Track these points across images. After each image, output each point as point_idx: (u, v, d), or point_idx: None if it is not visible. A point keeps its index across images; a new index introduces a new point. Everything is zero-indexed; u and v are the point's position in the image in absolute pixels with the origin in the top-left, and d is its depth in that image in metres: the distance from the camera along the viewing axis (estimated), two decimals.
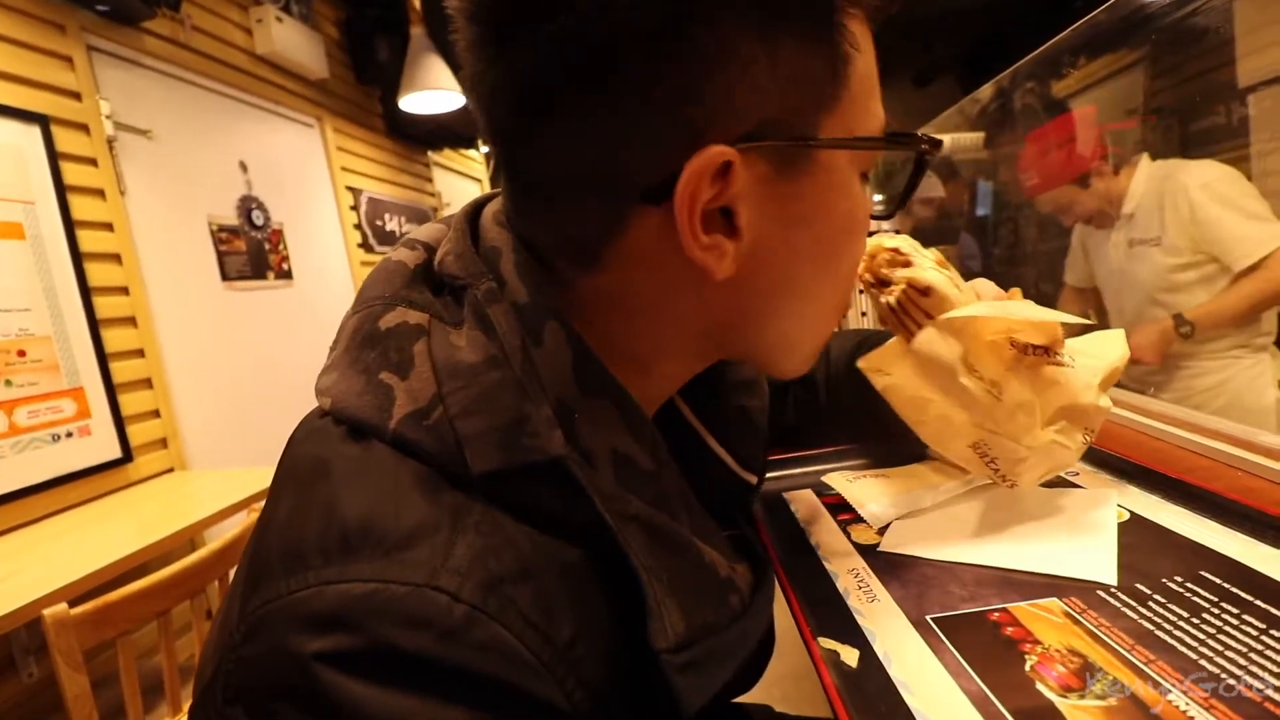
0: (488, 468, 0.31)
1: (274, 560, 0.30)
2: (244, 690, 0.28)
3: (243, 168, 2.43)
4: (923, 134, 0.38)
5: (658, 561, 0.32)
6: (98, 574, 1.17)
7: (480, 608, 0.28)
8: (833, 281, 0.39)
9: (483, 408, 0.31)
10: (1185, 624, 0.39)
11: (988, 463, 0.53)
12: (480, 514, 0.30)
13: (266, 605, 0.28)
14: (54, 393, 1.63)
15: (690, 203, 0.31)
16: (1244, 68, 1.44)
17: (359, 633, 0.26)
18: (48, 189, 1.66)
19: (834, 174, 0.34)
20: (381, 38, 3.06)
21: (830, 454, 0.77)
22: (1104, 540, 0.49)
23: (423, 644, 0.27)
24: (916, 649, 0.40)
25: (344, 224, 3.01)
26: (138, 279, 1.90)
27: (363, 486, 0.31)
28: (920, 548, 0.52)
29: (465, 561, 0.28)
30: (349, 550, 0.28)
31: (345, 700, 0.26)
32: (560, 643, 0.29)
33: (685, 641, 0.31)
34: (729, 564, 0.37)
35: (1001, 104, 1.74)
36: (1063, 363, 0.51)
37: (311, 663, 0.26)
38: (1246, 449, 0.63)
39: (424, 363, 0.33)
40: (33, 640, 1.50)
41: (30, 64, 1.67)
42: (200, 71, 2.24)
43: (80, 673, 0.89)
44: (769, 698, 0.75)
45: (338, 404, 0.34)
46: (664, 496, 0.35)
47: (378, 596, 0.27)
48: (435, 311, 0.35)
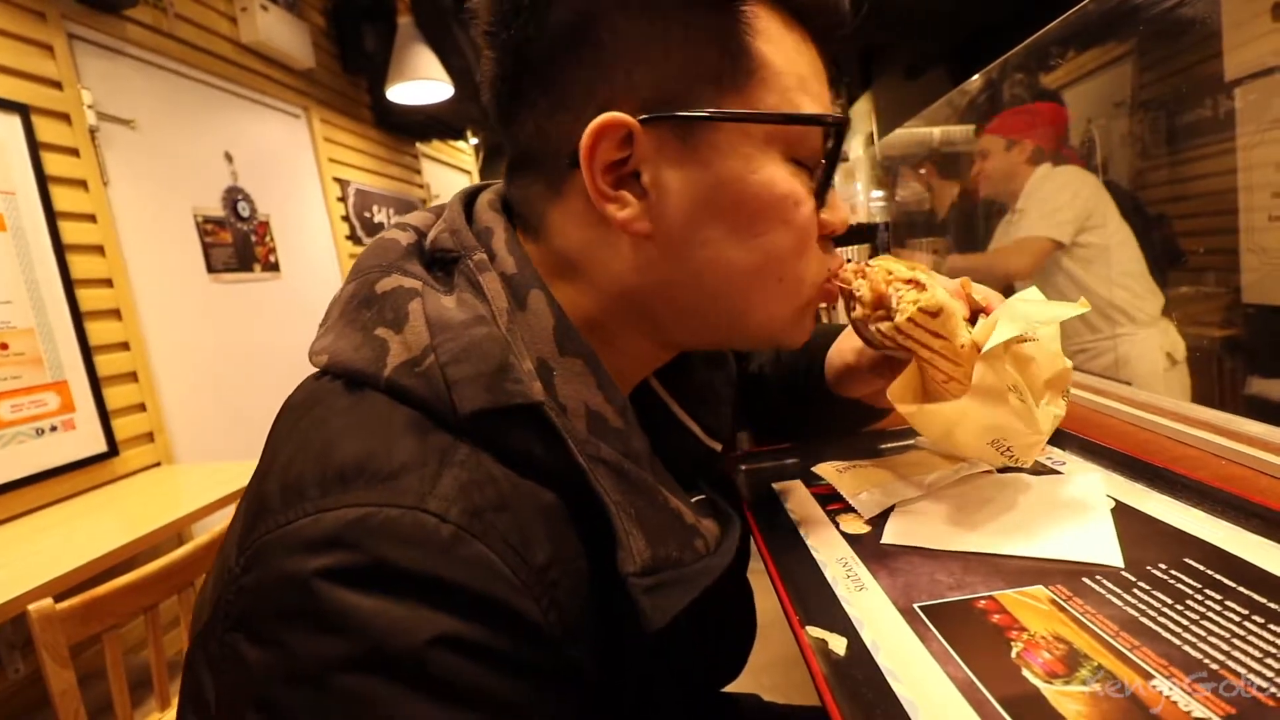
0: (473, 407, 0.34)
1: (273, 498, 0.32)
2: (245, 616, 0.30)
3: (228, 158, 2.40)
4: (828, 114, 0.40)
5: (625, 498, 0.36)
6: (84, 569, 1.16)
7: (465, 528, 0.31)
8: (762, 257, 0.40)
9: (470, 356, 0.35)
10: (1170, 610, 0.39)
11: (1003, 452, 0.53)
12: (465, 453, 0.33)
13: (265, 536, 0.31)
14: (37, 386, 1.61)
15: (590, 156, 0.37)
16: (1231, 61, 1.45)
17: (356, 550, 0.29)
18: (28, 180, 1.64)
19: (740, 150, 0.38)
20: (369, 27, 3.02)
21: (819, 445, 0.77)
22: (1102, 523, 0.49)
23: (414, 559, 0.29)
24: (904, 637, 0.40)
25: (331, 216, 2.99)
26: (122, 271, 1.88)
27: (358, 430, 0.34)
28: (918, 538, 0.52)
29: (451, 491, 0.32)
30: (344, 482, 0.31)
31: (346, 610, 0.28)
32: (536, 565, 0.32)
33: (650, 568, 0.35)
34: (695, 516, 0.40)
35: (990, 95, 1.75)
36: (1032, 337, 0.51)
37: (312, 579, 0.28)
38: (1231, 438, 0.64)
39: (418, 318, 0.36)
40: (18, 636, 1.49)
41: (9, 52, 1.64)
42: (184, 60, 2.21)
43: (67, 668, 0.89)
44: (758, 686, 0.76)
45: (335, 359, 0.37)
46: (634, 452, 0.38)
47: (372, 519, 0.30)
48: (428, 281, 0.39)
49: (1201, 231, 1.62)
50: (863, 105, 5.37)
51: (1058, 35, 1.33)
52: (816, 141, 0.41)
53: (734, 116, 0.38)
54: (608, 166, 0.38)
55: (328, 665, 0.28)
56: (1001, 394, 0.49)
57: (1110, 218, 1.58)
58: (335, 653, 0.28)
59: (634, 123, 0.37)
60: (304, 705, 0.28)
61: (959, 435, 0.53)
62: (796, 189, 0.40)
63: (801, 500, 0.65)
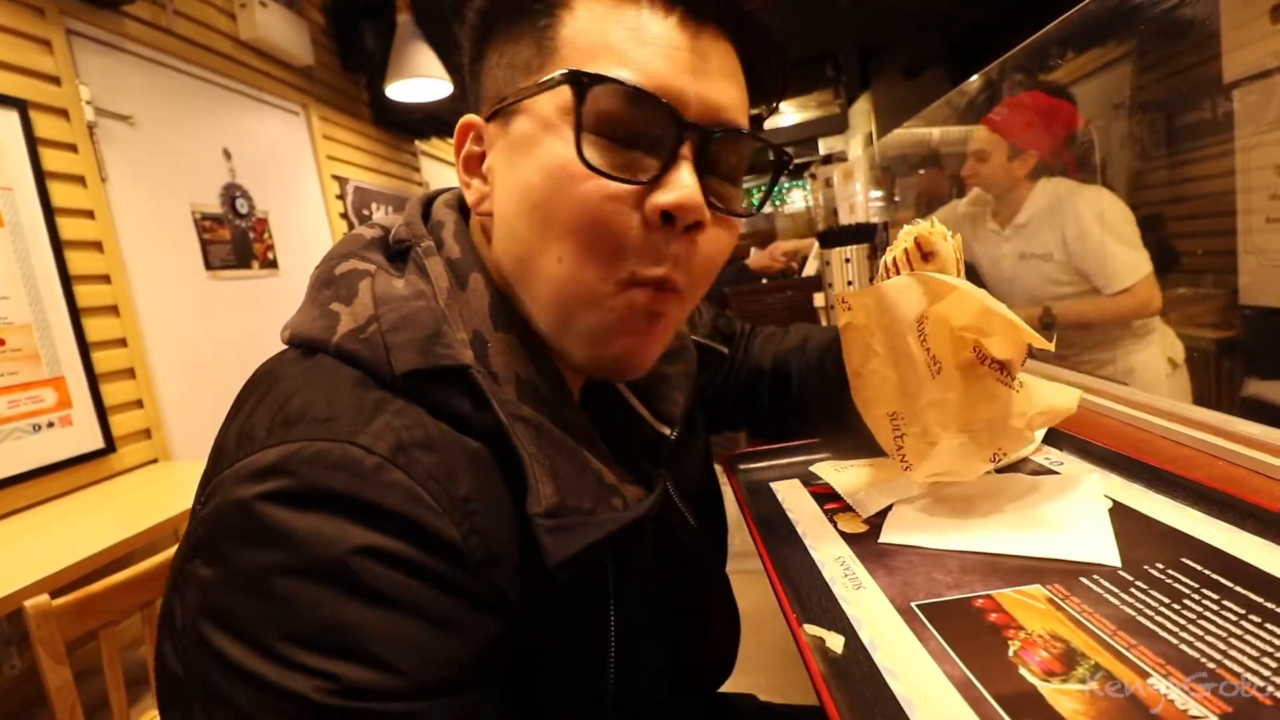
0: (408, 367, 0.38)
1: (229, 444, 0.37)
2: (201, 543, 0.34)
3: (226, 155, 2.39)
4: (555, 75, 0.38)
5: (540, 451, 0.39)
6: (80, 565, 1.16)
7: (389, 459, 0.34)
8: (543, 228, 0.40)
9: (408, 324, 0.39)
10: (1166, 610, 0.39)
11: (896, 436, 0.54)
12: (400, 406, 0.37)
13: (220, 475, 0.35)
14: (34, 382, 1.60)
15: (456, 151, 0.46)
16: (1230, 63, 1.45)
17: (291, 476, 0.33)
18: (26, 175, 1.63)
19: (531, 123, 0.40)
20: (368, 24, 3.01)
21: (817, 444, 0.78)
22: (1100, 523, 0.50)
23: (340, 481, 0.33)
24: (901, 635, 0.41)
25: (330, 213, 2.98)
26: (119, 267, 1.87)
27: (306, 388, 0.38)
28: (917, 537, 0.52)
29: (381, 429, 0.35)
30: (288, 426, 0.35)
31: (280, 525, 0.32)
32: (457, 496, 0.35)
33: (555, 511, 0.37)
34: (619, 480, 0.42)
35: (990, 96, 1.74)
36: (1010, 385, 0.51)
37: (253, 502, 0.32)
38: (1228, 439, 0.64)
39: (366, 294, 0.41)
40: (14, 632, 1.48)
41: (8, 47, 1.63)
42: (182, 57, 2.20)
43: (63, 664, 0.88)
44: (755, 685, 0.76)
45: (295, 331, 0.42)
46: (563, 421, 0.41)
47: (307, 449, 0.34)
48: (383, 265, 0.43)
49: (1199, 233, 1.62)
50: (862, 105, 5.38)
51: (1057, 36, 1.33)
52: (620, 111, 0.38)
53: (509, 99, 0.41)
54: (470, 158, 0.45)
55: (266, 572, 0.31)
56: (904, 322, 0.52)
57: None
58: (271, 562, 0.32)
59: (479, 120, 0.44)
60: (248, 610, 0.32)
61: (874, 398, 0.56)
62: (571, 164, 0.38)
63: (799, 499, 0.65)
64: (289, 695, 0.30)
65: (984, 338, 0.51)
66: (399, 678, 0.31)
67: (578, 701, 0.43)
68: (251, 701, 0.31)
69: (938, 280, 0.50)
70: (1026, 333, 0.49)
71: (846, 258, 1.85)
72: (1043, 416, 0.53)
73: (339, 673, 0.31)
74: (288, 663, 0.31)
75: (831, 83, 5.82)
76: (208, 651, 0.32)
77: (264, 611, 0.31)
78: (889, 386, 0.54)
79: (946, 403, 0.52)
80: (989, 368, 0.51)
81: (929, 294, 0.51)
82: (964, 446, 0.52)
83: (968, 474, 0.54)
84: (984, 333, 0.51)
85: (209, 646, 0.32)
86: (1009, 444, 0.53)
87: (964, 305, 0.50)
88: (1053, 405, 0.54)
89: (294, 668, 0.31)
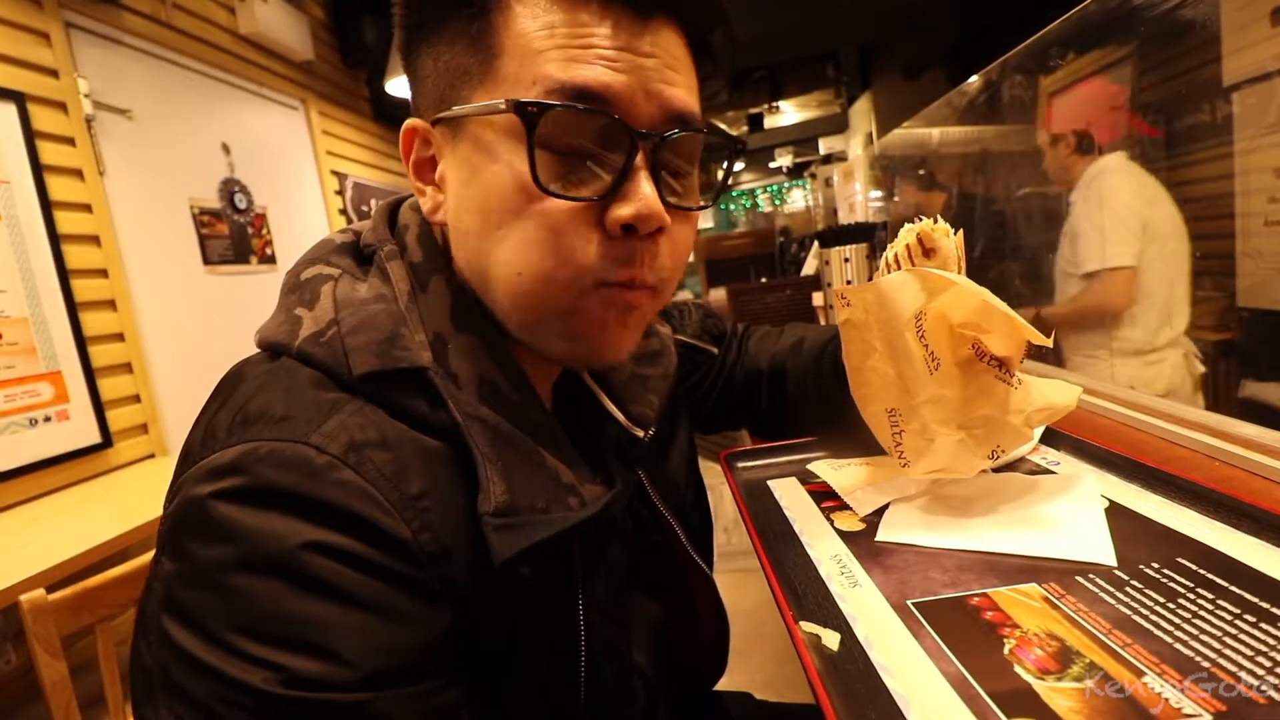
0: (365, 370, 0.38)
1: (195, 445, 0.38)
2: (165, 540, 0.36)
3: (225, 150, 2.39)
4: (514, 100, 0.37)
5: (494, 451, 0.39)
6: (77, 559, 1.16)
7: (340, 458, 0.35)
8: (500, 243, 0.40)
9: (366, 327, 0.40)
10: (1162, 609, 0.39)
11: (894, 432, 0.54)
12: (356, 406, 0.38)
13: (185, 475, 0.36)
14: (31, 376, 1.60)
15: (404, 156, 0.45)
16: (1229, 65, 1.45)
17: (245, 475, 0.34)
18: (24, 168, 1.63)
19: (482, 139, 0.40)
20: (368, 19, 3.01)
21: (814, 443, 0.78)
22: (1096, 522, 0.50)
23: (291, 480, 0.34)
24: (897, 633, 0.41)
25: (329, 209, 2.98)
26: (117, 261, 1.87)
27: (267, 387, 0.39)
28: (913, 535, 0.52)
29: (333, 429, 0.36)
30: (247, 425, 0.36)
31: (232, 522, 0.33)
32: (409, 493, 0.36)
33: (504, 510, 0.37)
34: (579, 480, 0.42)
35: (990, 96, 1.74)
36: (1009, 381, 0.51)
37: (208, 500, 0.34)
38: (1224, 439, 0.64)
39: (328, 298, 0.42)
40: (10, 626, 1.48)
41: (6, 40, 1.63)
42: (182, 51, 2.20)
43: (58, 659, 0.88)
44: (751, 682, 0.76)
45: (263, 335, 0.43)
46: (526, 421, 0.41)
47: (261, 449, 0.35)
48: (349, 270, 0.44)
49: (1198, 235, 1.62)
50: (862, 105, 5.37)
51: (1057, 37, 1.33)
52: (571, 131, 0.38)
53: (455, 113, 0.40)
54: (420, 163, 0.44)
55: (219, 567, 0.33)
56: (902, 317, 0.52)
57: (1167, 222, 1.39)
58: (224, 557, 0.33)
59: (423, 125, 0.43)
60: (203, 604, 0.33)
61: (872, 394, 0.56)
62: (526, 186, 0.38)
63: (797, 497, 0.65)
64: (240, 686, 0.31)
65: (983, 334, 0.51)
66: (346, 668, 0.32)
67: (549, 699, 0.43)
68: (208, 693, 0.32)
69: (937, 276, 0.50)
70: (1026, 329, 0.49)
71: (846, 257, 1.86)
72: (1042, 413, 0.53)
73: (287, 664, 0.32)
74: (239, 654, 0.32)
75: (832, 83, 5.83)
76: (169, 644, 0.33)
77: (217, 605, 0.32)
78: (887, 382, 0.54)
79: (945, 399, 0.52)
80: (988, 364, 0.51)
81: (928, 290, 0.51)
82: (962, 443, 0.52)
83: (966, 471, 0.54)
84: (983, 329, 0.50)
85: (170, 639, 0.33)
86: (1007, 441, 0.53)
87: (963, 301, 0.50)
88: (1052, 402, 0.54)
89: (244, 659, 0.32)
